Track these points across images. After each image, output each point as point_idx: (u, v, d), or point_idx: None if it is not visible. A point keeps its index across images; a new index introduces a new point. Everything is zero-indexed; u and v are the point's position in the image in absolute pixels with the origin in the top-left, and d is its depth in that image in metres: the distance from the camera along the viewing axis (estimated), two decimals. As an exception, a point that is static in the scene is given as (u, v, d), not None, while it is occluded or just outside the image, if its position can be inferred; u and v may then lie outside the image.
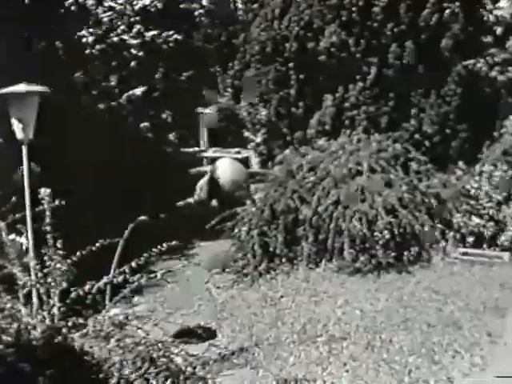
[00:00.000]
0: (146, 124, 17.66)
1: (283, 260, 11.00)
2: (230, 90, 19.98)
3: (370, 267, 10.41)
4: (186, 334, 7.48)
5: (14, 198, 7.70)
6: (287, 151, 13.12)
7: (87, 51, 16.52)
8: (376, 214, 10.65)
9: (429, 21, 12.41)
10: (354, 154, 11.73)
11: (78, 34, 16.16)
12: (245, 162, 18.13)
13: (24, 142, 7.93)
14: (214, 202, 16.57)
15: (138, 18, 17.39)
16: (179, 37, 17.66)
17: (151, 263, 11.47)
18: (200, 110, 20.60)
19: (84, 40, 16.38)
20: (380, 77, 12.81)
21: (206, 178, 17.19)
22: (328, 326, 8.56)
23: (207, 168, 18.31)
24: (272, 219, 11.28)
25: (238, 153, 18.84)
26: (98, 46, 16.90)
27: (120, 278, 6.08)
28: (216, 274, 11.29)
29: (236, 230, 11.50)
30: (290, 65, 13.15)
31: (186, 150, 19.71)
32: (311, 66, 13.03)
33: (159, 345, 5.92)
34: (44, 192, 6.26)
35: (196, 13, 18.48)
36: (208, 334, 8.46)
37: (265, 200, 11.63)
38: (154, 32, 17.46)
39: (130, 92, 17.27)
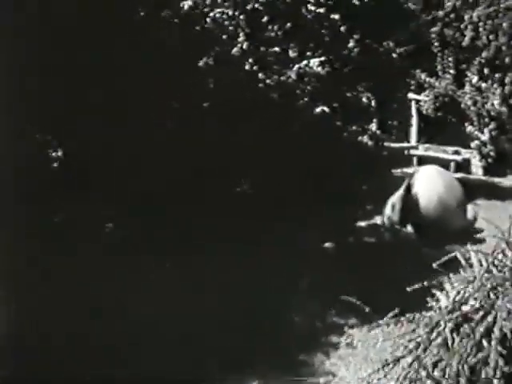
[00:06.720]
0: (323, 107, 14.41)
1: None
2: (451, 71, 17.77)
3: None
4: None
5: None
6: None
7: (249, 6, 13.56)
8: None
9: None
10: None
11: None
12: (465, 166, 16.15)
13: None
14: (410, 228, 13.23)
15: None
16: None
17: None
18: (411, 95, 18.16)
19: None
20: None
21: (401, 191, 13.60)
22: None
23: (412, 171, 15.45)
24: None
25: (457, 153, 16.64)
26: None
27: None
28: None
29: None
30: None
31: (391, 144, 17.45)
32: None
33: None
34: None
35: None
36: None
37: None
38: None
39: (303, 63, 14.22)
